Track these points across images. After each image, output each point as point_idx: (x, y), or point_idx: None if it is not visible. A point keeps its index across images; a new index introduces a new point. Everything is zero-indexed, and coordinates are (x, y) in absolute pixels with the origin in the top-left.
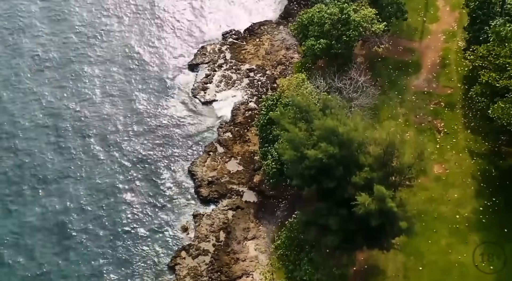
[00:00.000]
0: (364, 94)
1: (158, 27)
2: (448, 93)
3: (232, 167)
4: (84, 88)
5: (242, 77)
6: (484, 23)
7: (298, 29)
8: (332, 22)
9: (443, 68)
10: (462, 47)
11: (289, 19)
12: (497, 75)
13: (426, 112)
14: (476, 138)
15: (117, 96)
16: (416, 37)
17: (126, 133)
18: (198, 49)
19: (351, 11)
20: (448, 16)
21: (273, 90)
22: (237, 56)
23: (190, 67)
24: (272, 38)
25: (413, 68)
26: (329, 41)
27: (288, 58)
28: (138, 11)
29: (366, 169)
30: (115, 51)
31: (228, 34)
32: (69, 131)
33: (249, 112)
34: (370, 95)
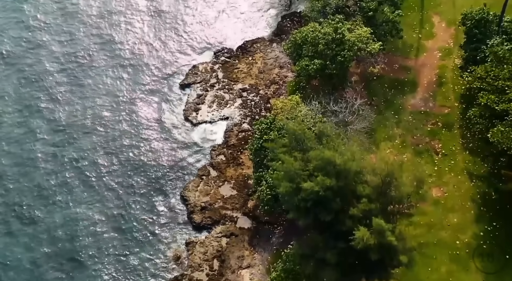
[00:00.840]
0: (361, 118)
1: (148, 46)
2: (445, 113)
3: (226, 192)
4: (74, 110)
5: (235, 97)
6: (481, 42)
7: (292, 48)
8: (326, 42)
9: (439, 87)
10: (458, 64)
11: (282, 37)
12: (496, 97)
13: (423, 133)
14: (474, 160)
15: (106, 119)
16: (412, 54)
17: (115, 157)
18: (190, 68)
19: (345, 30)
20: (443, 32)
21: (267, 110)
22: (229, 75)
23: (181, 87)
24: (265, 56)
25: (409, 87)
26: (323, 61)
27: (281, 77)
28: (127, 30)
29: (364, 200)
30: (102, 74)
31: (220, 52)
32: (56, 158)
33: (242, 133)
34: (367, 119)
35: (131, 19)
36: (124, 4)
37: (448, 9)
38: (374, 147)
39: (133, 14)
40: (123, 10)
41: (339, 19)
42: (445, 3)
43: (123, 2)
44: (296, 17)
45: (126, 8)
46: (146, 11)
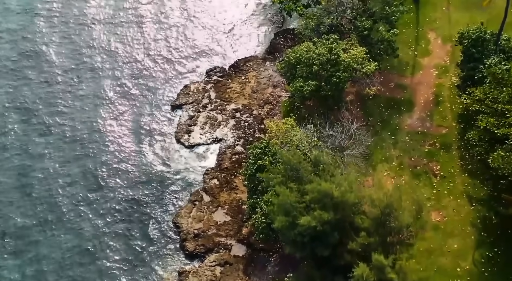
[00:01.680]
0: (357, 142)
1: (137, 65)
2: (443, 133)
3: (220, 218)
4: (58, 135)
5: (227, 118)
6: (479, 61)
7: (285, 68)
8: (320, 62)
9: (436, 106)
10: (455, 83)
11: (275, 55)
12: (495, 120)
13: (421, 154)
14: (474, 182)
15: (93, 142)
16: (408, 72)
17: (103, 182)
18: (181, 88)
19: (340, 51)
20: (440, 49)
21: (261, 131)
22: (222, 95)
23: (173, 108)
24: (258, 75)
25: (405, 106)
26: (318, 83)
27: (275, 96)
28: (116, 49)
29: (363, 234)
30: (92, 94)
31: (212, 71)
32: (47, 180)
33: (236, 156)
34: (363, 144)
35: (119, 38)
36: (109, 22)
37: (443, 25)
38: (371, 169)
39: (121, 33)
40: (112, 30)
41: (334, 39)
42: (441, 19)
43: (109, 20)
44: (290, 34)
45: (113, 26)
46: (135, 30)
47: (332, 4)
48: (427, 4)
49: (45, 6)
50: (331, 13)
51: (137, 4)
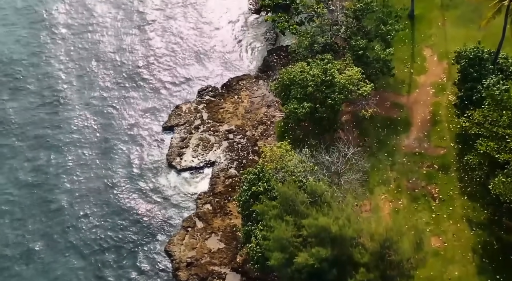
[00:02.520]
0: (355, 168)
1: (127, 84)
2: (441, 154)
3: (213, 245)
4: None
5: (220, 139)
6: (477, 81)
7: (279, 89)
8: (315, 83)
9: (434, 126)
10: (452, 101)
11: (269, 73)
12: (495, 144)
13: (419, 176)
14: (474, 206)
15: (81, 168)
16: (404, 91)
17: (93, 208)
18: (172, 109)
19: (335, 72)
20: (436, 66)
21: (254, 153)
22: (214, 116)
23: (164, 129)
24: (252, 95)
25: (402, 126)
26: (312, 105)
27: (269, 116)
28: (105, 69)
29: (362, 270)
30: (76, 118)
31: (205, 91)
32: (33, 209)
33: (229, 180)
34: (360, 169)
35: (108, 58)
36: (98, 41)
37: (439, 42)
38: (368, 192)
39: (110, 53)
40: (100, 48)
41: (328, 59)
42: (436, 35)
43: (99, 39)
44: (283, 51)
45: (101, 44)
46: (124, 49)
47: (326, 23)
48: (423, 20)
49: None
50: (325, 32)
51: (128, 24)
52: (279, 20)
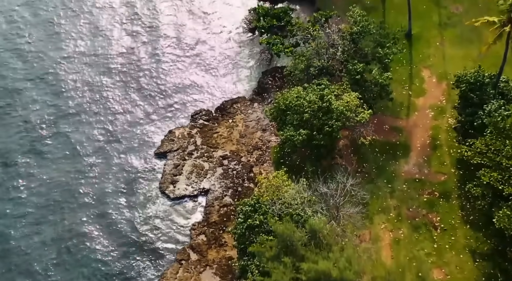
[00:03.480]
0: (354, 201)
1: (117, 108)
2: (442, 181)
3: (208, 279)
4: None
5: (215, 166)
6: (478, 106)
7: (275, 114)
8: (312, 110)
9: (434, 150)
10: (453, 125)
11: (264, 95)
12: (498, 174)
13: (420, 204)
14: (477, 236)
15: (71, 198)
16: (402, 114)
17: (80, 241)
18: (165, 134)
19: (332, 98)
20: (435, 88)
21: (250, 180)
22: (208, 141)
23: (157, 156)
24: (246, 118)
25: (401, 151)
26: (309, 132)
27: (264, 141)
28: (96, 93)
29: None
30: (65, 142)
31: (198, 114)
32: (22, 241)
33: (224, 208)
34: (360, 202)
35: (98, 81)
36: (90, 64)
37: (438, 62)
38: (368, 221)
39: (100, 76)
40: (92, 74)
41: (325, 85)
42: (434, 55)
43: (90, 63)
44: (278, 72)
45: (94, 69)
46: (114, 72)
47: (322, 46)
48: (420, 39)
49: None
50: (321, 55)
51: (118, 46)
52: (274, 42)
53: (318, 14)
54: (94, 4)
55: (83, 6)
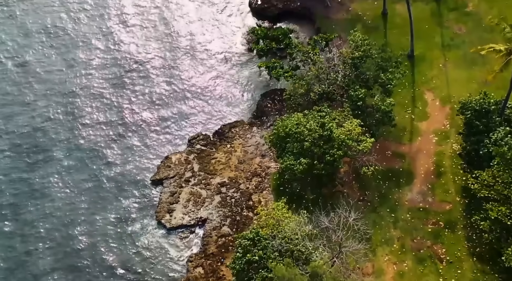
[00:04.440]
0: (357, 236)
1: (115, 130)
2: (447, 210)
3: None
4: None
5: (212, 193)
6: (483, 134)
7: (274, 141)
8: (313, 138)
9: (438, 178)
10: (457, 151)
11: (263, 119)
12: (507, 208)
13: (424, 235)
14: (484, 269)
15: (65, 226)
16: (405, 139)
17: (78, 271)
18: (162, 160)
19: (333, 126)
20: (438, 112)
21: (249, 209)
22: (206, 167)
23: (153, 183)
24: (245, 143)
25: (404, 178)
26: (310, 160)
27: (264, 167)
28: (90, 118)
29: None
30: (59, 171)
31: (195, 139)
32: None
33: (222, 239)
34: (363, 237)
35: (93, 105)
36: (85, 87)
37: (441, 85)
38: (370, 253)
39: (94, 99)
40: (90, 98)
41: (326, 112)
42: (437, 77)
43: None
44: (277, 95)
45: (89, 94)
46: (110, 94)
47: (323, 71)
48: (423, 61)
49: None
50: (322, 80)
51: (115, 67)
52: (273, 66)
53: (319, 37)
54: (80, 35)
55: (65, 39)
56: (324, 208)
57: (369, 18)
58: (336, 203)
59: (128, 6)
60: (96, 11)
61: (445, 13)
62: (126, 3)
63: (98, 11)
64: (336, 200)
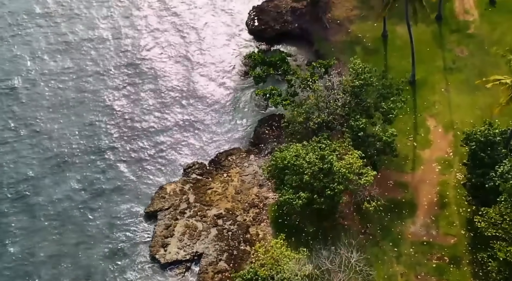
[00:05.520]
0: (359, 278)
1: (107, 157)
2: (452, 244)
3: None
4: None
5: (209, 226)
6: (489, 166)
7: (272, 172)
8: (312, 171)
9: (442, 209)
10: (461, 180)
11: (260, 146)
12: None
13: (429, 271)
14: None
15: (54, 262)
16: (408, 167)
17: None
18: (156, 191)
19: (334, 158)
20: (441, 139)
21: (246, 243)
22: (202, 198)
23: (147, 215)
24: (242, 172)
25: (407, 210)
26: (309, 194)
27: (261, 198)
28: (83, 143)
29: None
30: (57, 199)
31: (191, 168)
32: None
33: (219, 275)
34: (365, 278)
35: (85, 134)
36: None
37: (443, 110)
38: None
39: (86, 125)
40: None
41: (326, 144)
42: (440, 102)
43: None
44: (275, 121)
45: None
46: (102, 120)
47: (322, 99)
48: (425, 85)
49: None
50: (321, 109)
51: (106, 93)
52: (270, 93)
53: (317, 64)
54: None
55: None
56: (325, 243)
57: (368, 40)
58: (337, 237)
59: (108, 34)
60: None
61: (446, 35)
62: (105, 33)
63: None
64: (337, 233)
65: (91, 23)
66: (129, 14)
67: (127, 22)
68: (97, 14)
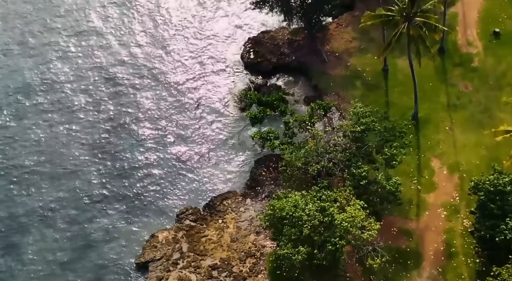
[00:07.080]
0: None
1: (95, 200)
2: None
3: None
4: None
5: (203, 278)
6: (499, 218)
7: (270, 221)
8: (312, 225)
9: (449, 260)
10: (468, 228)
11: (257, 189)
12: None
13: None
14: None
15: None
16: (412, 213)
17: None
18: (147, 239)
19: (335, 211)
20: (446, 181)
21: None
22: (196, 247)
23: (137, 267)
24: (238, 218)
25: (412, 260)
26: (309, 248)
27: (259, 246)
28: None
29: None
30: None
31: (184, 213)
32: None
33: None
34: None
35: (72, 176)
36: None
37: (448, 150)
38: None
39: (73, 166)
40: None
41: (326, 195)
42: (444, 142)
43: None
44: (272, 161)
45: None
46: (89, 158)
47: (322, 145)
48: (428, 123)
49: None
50: (321, 154)
51: (93, 128)
52: (267, 137)
53: (316, 105)
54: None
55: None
56: None
57: (369, 75)
58: None
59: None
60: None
61: (450, 69)
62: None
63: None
64: None
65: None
66: (118, 44)
67: (115, 55)
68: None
